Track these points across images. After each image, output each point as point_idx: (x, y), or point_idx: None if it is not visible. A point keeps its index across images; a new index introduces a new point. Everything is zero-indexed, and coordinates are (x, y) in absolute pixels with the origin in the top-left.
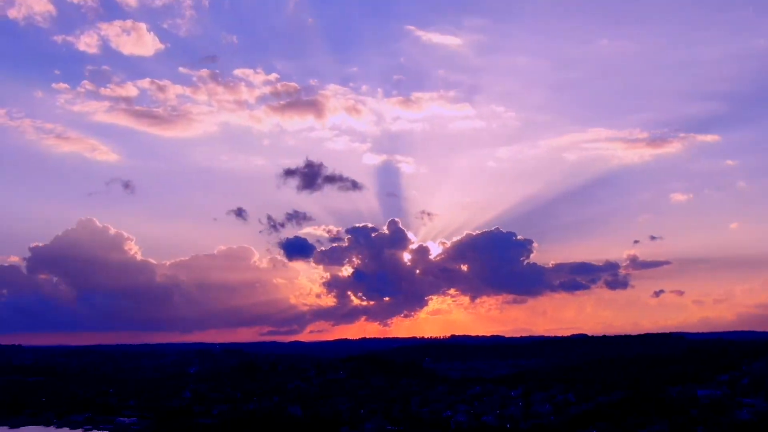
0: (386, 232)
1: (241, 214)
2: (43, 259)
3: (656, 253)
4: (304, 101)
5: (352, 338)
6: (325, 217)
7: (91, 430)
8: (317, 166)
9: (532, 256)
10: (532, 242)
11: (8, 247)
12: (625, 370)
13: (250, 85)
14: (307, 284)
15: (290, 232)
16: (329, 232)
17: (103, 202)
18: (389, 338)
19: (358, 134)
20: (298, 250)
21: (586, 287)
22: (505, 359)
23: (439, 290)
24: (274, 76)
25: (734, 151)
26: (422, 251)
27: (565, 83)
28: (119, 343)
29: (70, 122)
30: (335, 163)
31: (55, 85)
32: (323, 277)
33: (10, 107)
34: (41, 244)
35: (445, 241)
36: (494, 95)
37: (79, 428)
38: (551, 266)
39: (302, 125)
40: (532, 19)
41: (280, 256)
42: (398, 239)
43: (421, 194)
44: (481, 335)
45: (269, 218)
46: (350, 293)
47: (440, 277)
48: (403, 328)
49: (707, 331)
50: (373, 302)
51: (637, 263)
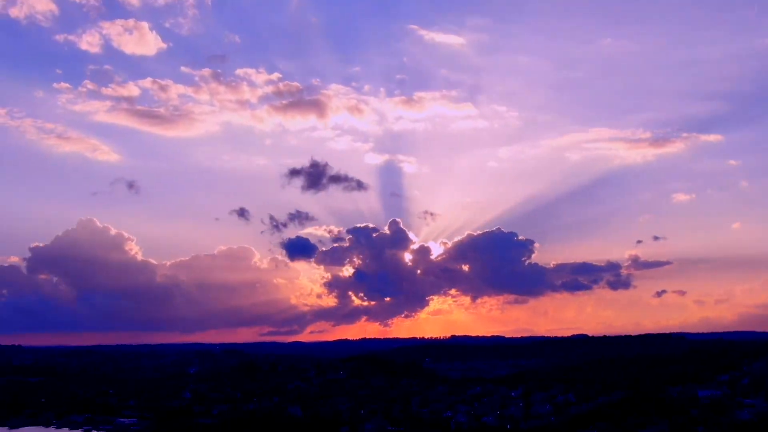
0: (387, 232)
1: (243, 214)
2: (43, 259)
3: (658, 253)
4: (306, 101)
5: (352, 338)
6: (326, 217)
7: (90, 430)
8: (322, 165)
9: (533, 256)
10: (533, 242)
11: (8, 247)
12: (625, 370)
13: (252, 84)
14: (307, 284)
15: (292, 232)
16: (330, 232)
17: (104, 202)
18: (389, 338)
19: (360, 134)
20: (300, 250)
21: (588, 287)
22: (505, 359)
23: (440, 290)
24: (276, 75)
25: (737, 150)
26: (423, 251)
27: (567, 83)
28: (119, 343)
29: (71, 122)
30: (337, 162)
31: (56, 84)
32: (324, 277)
33: (11, 107)
34: (41, 244)
35: (446, 241)
36: (496, 95)
37: (78, 429)
38: (552, 266)
39: (304, 125)
40: (534, 18)
41: (282, 256)
42: (399, 239)
43: (422, 194)
44: (481, 335)
45: (271, 218)
46: (351, 293)
47: (441, 277)
48: (403, 328)
49: (708, 331)
50: (374, 302)
51: (638, 263)
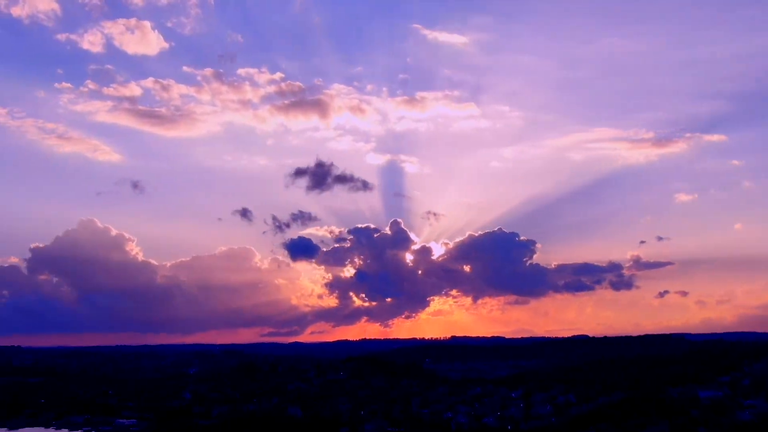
0: (388, 232)
1: (246, 214)
2: (43, 259)
3: (660, 253)
4: (308, 101)
5: (352, 339)
6: (328, 217)
7: (90, 431)
8: (328, 165)
9: (535, 256)
10: (535, 243)
11: (9, 247)
12: (625, 370)
13: (254, 84)
14: (308, 285)
15: (294, 232)
16: (332, 232)
17: (105, 202)
18: (390, 339)
19: (362, 134)
20: (302, 250)
21: (590, 288)
22: (505, 360)
23: (441, 291)
24: (278, 75)
25: (740, 151)
26: (424, 252)
27: (570, 83)
28: (119, 344)
29: (72, 122)
30: (339, 162)
31: (57, 84)
32: (325, 277)
33: (11, 107)
34: (42, 244)
35: (447, 241)
36: (499, 95)
37: (78, 429)
38: (554, 267)
39: (307, 125)
40: (537, 18)
41: (283, 256)
42: (400, 240)
43: (424, 194)
44: (481, 336)
45: (274, 219)
46: (352, 294)
47: (442, 277)
48: (403, 329)
49: (709, 332)
50: (375, 303)
51: (640, 264)
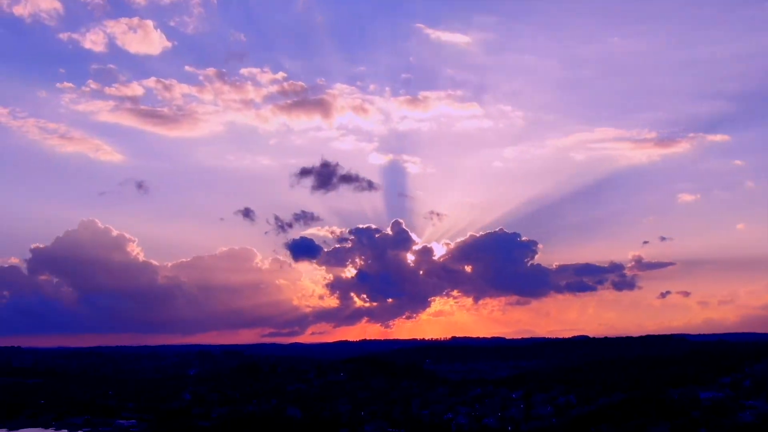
0: (390, 233)
1: (248, 214)
2: (44, 260)
3: (662, 254)
4: (311, 100)
5: (352, 340)
6: (330, 217)
7: None
8: (333, 165)
9: (536, 257)
10: (536, 243)
11: (9, 248)
12: (626, 371)
13: (257, 84)
14: (309, 285)
15: (296, 232)
16: (333, 233)
17: (106, 202)
18: (390, 340)
19: (364, 134)
20: (304, 250)
21: (592, 289)
22: (506, 361)
23: (442, 291)
24: (281, 74)
25: (743, 151)
26: (426, 252)
27: (572, 82)
28: (120, 344)
29: (74, 122)
30: (342, 162)
31: (59, 84)
32: (326, 278)
33: (13, 106)
34: (42, 245)
35: (449, 242)
36: (502, 94)
37: (78, 430)
38: (555, 267)
39: (309, 125)
40: (540, 17)
41: (285, 257)
42: (402, 240)
43: (426, 194)
44: (482, 337)
45: (276, 219)
46: (353, 294)
47: (444, 278)
48: (404, 329)
49: (710, 332)
50: (376, 303)
51: (642, 264)
